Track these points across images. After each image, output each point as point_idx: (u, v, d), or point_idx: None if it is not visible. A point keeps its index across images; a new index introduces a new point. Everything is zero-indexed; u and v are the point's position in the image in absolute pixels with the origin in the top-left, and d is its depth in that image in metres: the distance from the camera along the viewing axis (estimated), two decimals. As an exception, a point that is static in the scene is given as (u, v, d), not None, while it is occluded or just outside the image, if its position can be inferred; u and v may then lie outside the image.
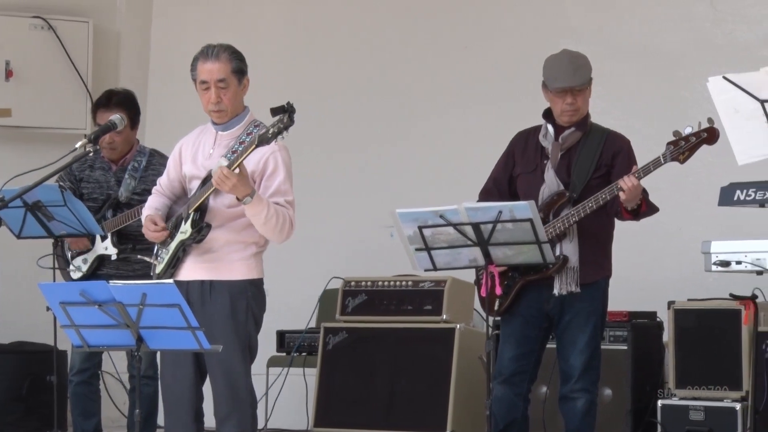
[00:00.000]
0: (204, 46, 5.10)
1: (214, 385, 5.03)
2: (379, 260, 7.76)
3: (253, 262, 5.07)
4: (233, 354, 4.97)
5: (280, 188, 5.00)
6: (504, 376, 5.42)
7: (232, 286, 5.01)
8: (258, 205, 4.88)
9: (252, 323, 5.04)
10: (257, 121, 5.11)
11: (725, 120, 4.11)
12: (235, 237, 5.03)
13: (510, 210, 4.92)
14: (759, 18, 7.46)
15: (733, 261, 4.18)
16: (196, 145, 5.16)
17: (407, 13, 8.56)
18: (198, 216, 4.98)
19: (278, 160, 5.01)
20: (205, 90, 5.05)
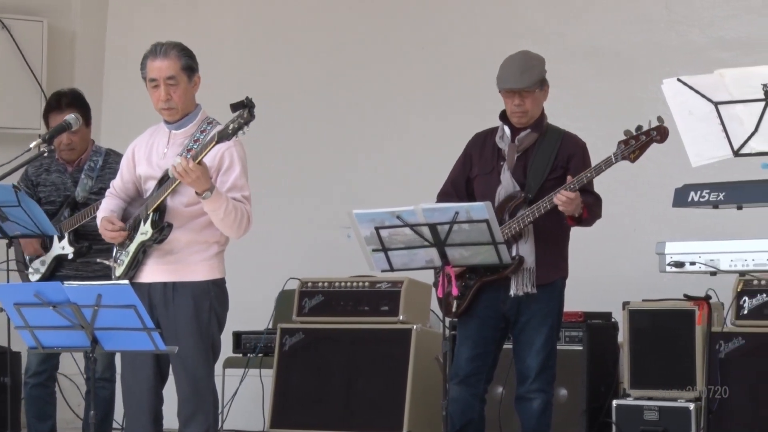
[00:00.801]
0: (153, 43, 5.08)
1: (178, 386, 5.02)
2: (336, 261, 7.75)
3: (215, 262, 5.06)
4: (197, 355, 4.97)
5: (236, 183, 4.99)
6: (460, 376, 5.44)
7: (195, 287, 5.00)
8: (217, 200, 4.87)
9: (215, 324, 5.04)
10: (210, 118, 5.10)
11: (679, 122, 4.14)
12: (195, 237, 5.02)
13: (467, 211, 4.94)
14: (713, 20, 7.51)
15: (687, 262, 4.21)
16: (150, 145, 5.14)
17: (364, 13, 8.55)
18: (157, 216, 4.96)
19: (234, 155, 5.01)
20: (154, 88, 5.03)
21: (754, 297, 6.34)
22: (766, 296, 6.31)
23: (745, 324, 6.34)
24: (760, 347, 6.24)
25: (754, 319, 6.32)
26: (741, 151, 4.09)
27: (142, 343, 4.53)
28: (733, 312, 6.36)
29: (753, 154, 4.08)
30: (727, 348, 6.31)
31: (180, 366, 4.98)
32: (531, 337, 5.42)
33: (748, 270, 4.23)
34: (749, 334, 6.30)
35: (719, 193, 4.20)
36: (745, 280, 6.34)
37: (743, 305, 6.35)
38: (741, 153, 4.09)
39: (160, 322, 4.98)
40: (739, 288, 6.35)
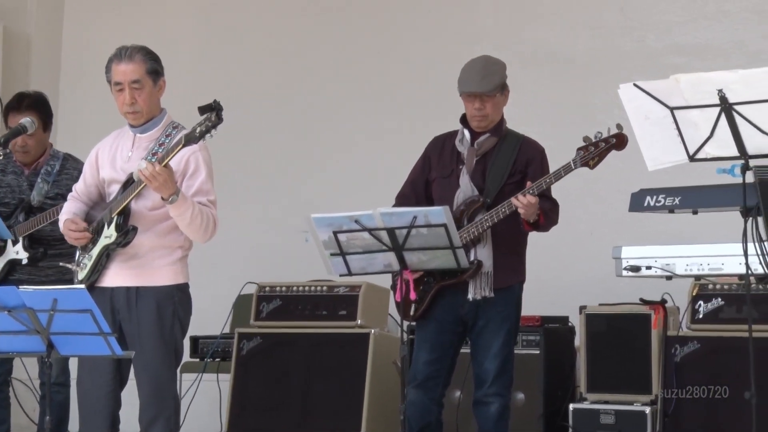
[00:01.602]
0: (118, 47, 5.06)
1: (140, 390, 5.00)
2: (294, 265, 7.74)
3: (179, 266, 5.05)
4: (160, 359, 4.96)
5: (202, 188, 4.99)
6: (418, 380, 5.44)
7: (159, 291, 4.99)
8: (183, 204, 4.86)
9: (178, 328, 5.03)
10: (175, 122, 5.09)
11: (636, 126, 4.16)
12: (160, 242, 5.01)
13: (425, 215, 4.95)
14: (668, 26, 7.57)
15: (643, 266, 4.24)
16: (114, 148, 5.12)
17: (321, 19, 8.55)
18: (122, 220, 4.94)
19: (199, 159, 5.00)
20: (119, 91, 5.01)
21: (709, 301, 6.38)
22: (721, 300, 6.35)
23: (700, 328, 6.38)
24: (715, 351, 6.28)
25: (709, 323, 6.36)
26: (696, 156, 4.11)
27: (99, 347, 4.50)
28: (689, 316, 6.40)
29: (708, 159, 4.11)
30: (683, 352, 6.35)
31: (142, 370, 4.97)
32: (488, 341, 5.43)
33: (703, 274, 4.26)
34: (704, 337, 6.34)
35: (675, 198, 4.23)
36: (700, 285, 6.38)
37: (698, 309, 6.39)
38: (696, 158, 4.12)
39: (123, 327, 4.96)
40: (695, 292, 6.39)
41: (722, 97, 3.95)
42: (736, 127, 3.98)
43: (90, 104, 8.50)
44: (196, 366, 7.57)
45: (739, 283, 6.13)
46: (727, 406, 6.14)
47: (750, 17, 7.34)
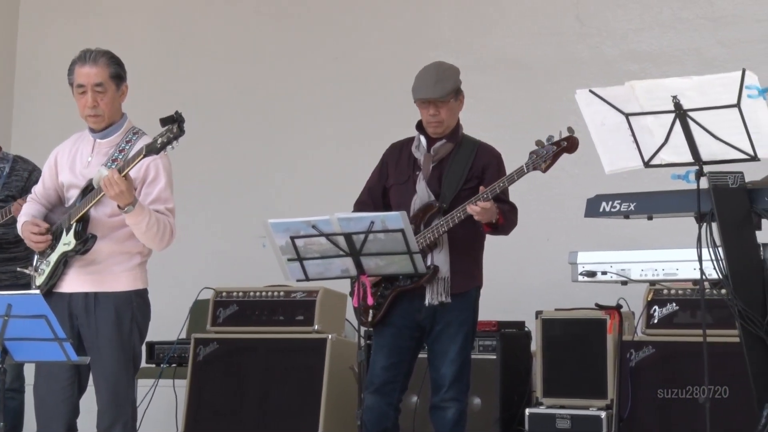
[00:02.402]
0: (82, 50, 5.05)
1: (98, 396, 4.98)
2: (251, 270, 7.72)
3: (138, 272, 5.04)
4: (118, 365, 4.94)
5: (160, 196, 4.97)
6: (375, 385, 5.44)
7: (117, 297, 4.97)
8: (140, 214, 4.84)
9: (137, 334, 5.02)
10: (136, 128, 5.07)
11: (593, 132, 4.19)
12: (118, 248, 4.99)
13: (382, 220, 4.95)
14: (624, 33, 7.61)
15: (599, 271, 4.26)
16: (73, 153, 5.10)
17: (278, 24, 8.55)
18: (81, 227, 4.92)
19: (159, 167, 4.99)
20: (81, 94, 4.99)
21: (664, 306, 6.42)
22: (676, 305, 6.40)
23: (655, 333, 6.42)
24: (670, 356, 6.32)
25: (664, 327, 6.40)
26: (651, 162, 4.14)
27: (54, 353, 4.48)
28: (644, 321, 6.44)
29: (663, 165, 4.14)
30: (638, 357, 6.39)
31: (101, 376, 4.95)
32: (445, 347, 5.44)
33: (658, 279, 4.29)
34: (659, 342, 6.38)
35: (630, 204, 4.25)
36: (655, 290, 6.43)
37: (653, 314, 6.43)
38: (651, 164, 4.14)
39: (81, 333, 4.94)
40: (650, 297, 6.43)
41: (677, 103, 3.98)
42: (690, 133, 4.01)
43: (45, 111, 8.44)
44: (152, 372, 7.53)
45: (694, 288, 6.17)
46: (682, 411, 6.18)
47: (705, 24, 7.40)
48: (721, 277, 3.98)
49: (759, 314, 3.97)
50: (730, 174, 4.03)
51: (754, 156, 3.99)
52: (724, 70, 4.04)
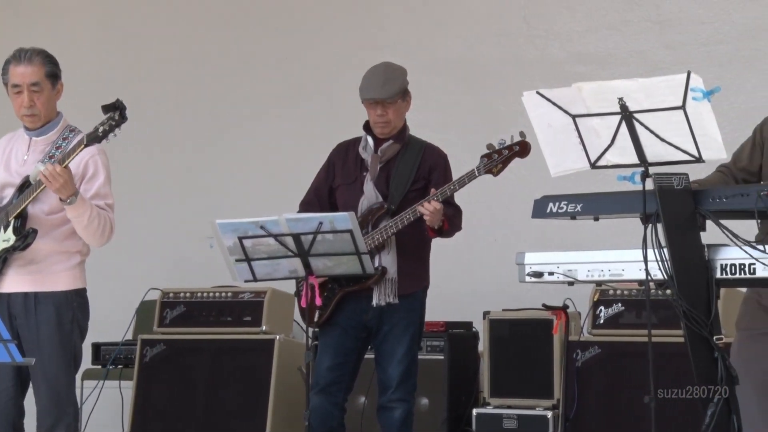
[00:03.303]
0: (16, 49, 5.01)
1: (37, 397, 4.95)
2: (198, 271, 7.70)
3: (78, 271, 5.01)
4: (59, 366, 4.91)
5: (100, 191, 4.96)
6: (321, 385, 5.44)
7: (57, 297, 4.94)
8: (81, 206, 4.82)
9: (77, 334, 4.99)
10: (72, 126, 5.05)
11: (539, 134, 4.20)
12: (58, 247, 4.96)
13: (330, 221, 4.95)
14: (570, 35, 7.66)
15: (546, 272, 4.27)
16: (8, 151, 5.06)
17: (226, 23, 8.52)
18: (19, 223, 4.88)
19: (98, 163, 4.97)
20: (17, 94, 4.97)
21: (610, 307, 6.46)
22: (622, 306, 6.44)
23: (601, 333, 6.46)
24: (616, 356, 6.36)
25: (609, 328, 6.45)
26: (597, 164, 4.16)
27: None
28: (590, 321, 6.48)
29: (609, 167, 4.17)
30: (584, 357, 6.43)
31: (41, 377, 4.91)
32: (392, 347, 5.45)
33: (604, 280, 4.31)
34: (605, 342, 6.42)
35: (577, 205, 4.27)
36: (601, 290, 6.47)
37: (599, 315, 6.47)
38: (598, 165, 4.17)
39: (20, 333, 4.90)
40: (596, 298, 6.47)
41: (623, 105, 4.00)
42: (636, 135, 4.04)
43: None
44: (98, 373, 7.49)
45: (639, 288, 6.22)
46: (627, 410, 6.22)
47: (651, 27, 7.46)
48: (666, 278, 4.00)
49: (703, 314, 4.00)
50: (676, 175, 4.06)
51: (698, 158, 4.02)
52: (669, 72, 4.07)
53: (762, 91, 6.99)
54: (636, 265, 4.08)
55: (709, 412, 3.98)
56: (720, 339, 4.03)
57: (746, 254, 3.98)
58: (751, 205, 3.99)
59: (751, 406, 4.43)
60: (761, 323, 4.58)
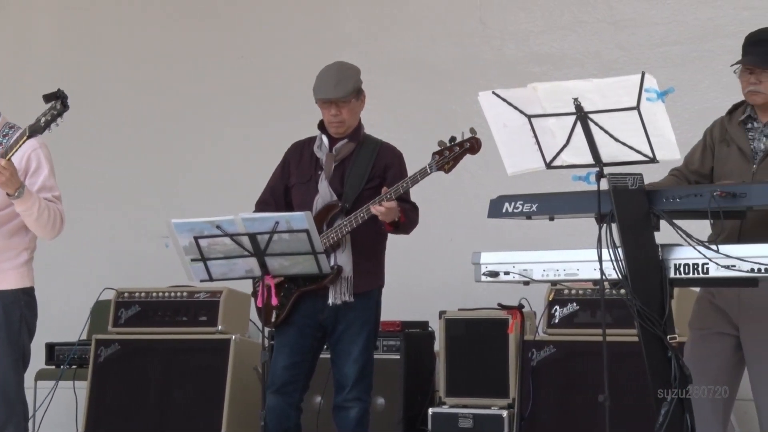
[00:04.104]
0: None
1: None
2: (154, 271, 7.67)
3: (25, 270, 4.97)
4: (8, 365, 4.87)
5: (45, 184, 4.92)
6: (276, 385, 5.43)
7: (5, 295, 4.89)
8: (29, 198, 4.79)
9: (26, 333, 4.95)
10: (11, 123, 5.01)
11: (495, 133, 4.21)
12: (5, 244, 4.91)
13: (287, 221, 4.94)
14: (526, 35, 7.69)
15: (502, 272, 4.29)
16: None
17: (183, 21, 8.50)
18: None
19: (40, 156, 4.94)
20: None
21: (565, 306, 6.49)
22: (576, 305, 6.48)
23: (556, 332, 6.49)
24: (570, 355, 6.39)
25: (564, 327, 6.48)
26: (553, 164, 4.18)
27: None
28: (545, 321, 6.51)
29: (564, 167, 4.19)
30: (539, 356, 6.45)
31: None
32: (348, 347, 5.45)
33: (559, 279, 4.33)
34: (560, 342, 6.45)
35: (532, 205, 4.29)
36: (556, 290, 6.50)
37: (554, 314, 6.50)
38: (553, 165, 4.19)
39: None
40: (551, 297, 6.50)
41: (578, 105, 4.02)
42: (591, 135, 4.06)
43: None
44: (52, 373, 7.44)
45: (594, 288, 6.25)
46: (582, 409, 6.26)
47: (605, 28, 7.50)
48: (620, 278, 4.03)
49: (657, 314, 4.03)
50: (630, 175, 4.09)
51: (653, 158, 4.05)
52: (623, 73, 4.11)
53: (715, 91, 7.05)
54: (591, 264, 4.11)
55: (663, 411, 4.01)
56: (673, 338, 4.06)
57: (699, 254, 4.01)
58: (704, 205, 4.02)
59: (704, 405, 4.47)
60: (714, 323, 4.62)
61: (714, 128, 4.73)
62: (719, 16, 7.20)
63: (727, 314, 4.59)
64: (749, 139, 4.61)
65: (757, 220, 4.42)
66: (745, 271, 3.95)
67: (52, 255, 5.24)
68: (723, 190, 4.02)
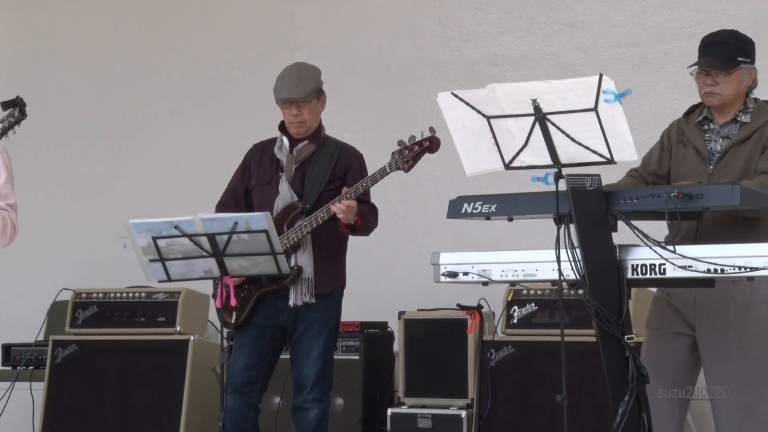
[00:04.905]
0: None
1: None
2: (112, 271, 7.63)
3: None
4: None
5: (1, 191, 4.88)
6: (234, 386, 5.42)
7: None
8: None
9: None
10: None
11: (454, 134, 4.22)
12: (-45, 249, 4.88)
13: (246, 221, 4.94)
14: (485, 37, 7.71)
15: (461, 272, 4.30)
16: None
17: (139, 19, 8.46)
18: None
19: None
20: None
21: (524, 306, 6.51)
22: (535, 306, 6.50)
23: (514, 333, 6.51)
24: (529, 355, 6.41)
25: (523, 327, 6.50)
26: (512, 165, 4.19)
27: None
28: (504, 321, 6.53)
29: (523, 168, 4.20)
30: (498, 356, 6.47)
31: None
32: (308, 347, 5.45)
33: (518, 280, 4.34)
34: (518, 342, 6.47)
35: (491, 205, 4.30)
36: (515, 290, 6.52)
37: (513, 314, 6.52)
38: (512, 166, 4.20)
39: None
40: (510, 298, 6.52)
41: (536, 107, 4.03)
42: (549, 136, 4.07)
43: None
44: (8, 375, 7.39)
45: (552, 288, 6.27)
46: (540, 409, 6.28)
47: (563, 29, 7.54)
48: (578, 278, 4.05)
49: (615, 314, 4.05)
50: (588, 176, 4.11)
51: (610, 159, 4.07)
52: (581, 74, 4.12)
53: (671, 93, 7.10)
54: (549, 265, 4.12)
55: (620, 410, 4.04)
56: (631, 338, 4.08)
57: (656, 255, 4.04)
58: (662, 206, 4.05)
59: (660, 405, 4.49)
60: (670, 323, 4.65)
61: (671, 129, 4.76)
62: (676, 19, 7.26)
63: (683, 314, 4.62)
64: (706, 141, 4.65)
65: (714, 220, 4.45)
66: (701, 271, 3.97)
67: (10, 256, 5.20)
68: (680, 191, 4.05)
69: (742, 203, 4.01)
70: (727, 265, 3.93)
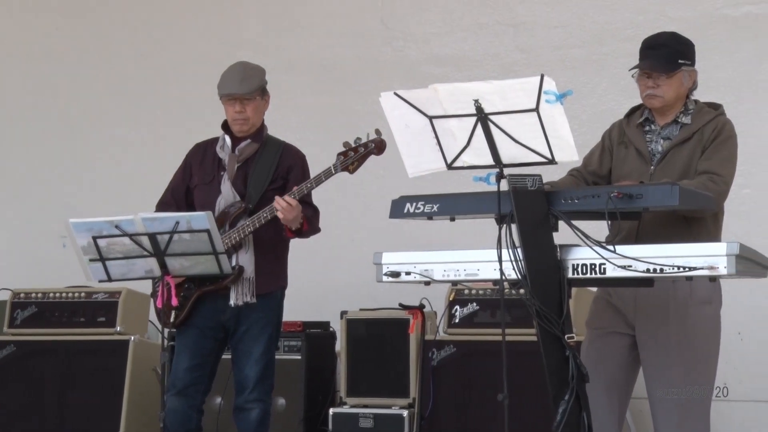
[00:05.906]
0: None
1: None
2: (51, 271, 7.57)
3: None
4: None
5: None
6: (178, 387, 5.40)
7: None
8: None
9: None
10: None
11: (396, 134, 4.23)
12: None
13: (187, 221, 4.92)
14: (427, 37, 7.73)
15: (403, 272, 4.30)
16: None
17: (80, 17, 8.40)
18: None
19: None
20: None
21: (465, 306, 6.54)
22: (477, 305, 6.52)
23: (456, 332, 6.53)
24: (470, 354, 6.44)
25: (464, 327, 6.52)
26: (454, 165, 4.20)
27: None
28: (446, 320, 6.55)
29: (465, 168, 4.21)
30: (440, 356, 6.49)
31: None
32: (249, 347, 5.43)
33: (459, 280, 4.35)
34: (460, 341, 6.50)
35: (433, 205, 4.30)
36: (457, 290, 6.55)
37: (455, 314, 6.54)
38: (454, 166, 4.21)
39: None
40: (452, 297, 6.54)
41: (478, 107, 4.04)
42: (491, 136, 4.08)
43: None
44: (-55, 376, 7.31)
45: (494, 288, 6.30)
46: (482, 408, 6.31)
47: (505, 30, 7.57)
48: (519, 278, 4.06)
49: (555, 313, 4.07)
50: (529, 177, 4.12)
51: (551, 159, 4.09)
52: (522, 75, 4.13)
53: (612, 94, 7.15)
54: (491, 265, 4.14)
55: (561, 409, 4.06)
56: (571, 338, 4.10)
57: (597, 254, 4.06)
58: (602, 206, 4.07)
59: (600, 404, 4.52)
60: (610, 322, 4.68)
61: (612, 130, 4.80)
62: (616, 20, 7.31)
63: (623, 314, 4.65)
64: (647, 141, 4.68)
65: (655, 220, 4.49)
66: (641, 271, 4.00)
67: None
68: (620, 191, 4.07)
69: (680, 203, 4.05)
70: (666, 265, 3.96)
